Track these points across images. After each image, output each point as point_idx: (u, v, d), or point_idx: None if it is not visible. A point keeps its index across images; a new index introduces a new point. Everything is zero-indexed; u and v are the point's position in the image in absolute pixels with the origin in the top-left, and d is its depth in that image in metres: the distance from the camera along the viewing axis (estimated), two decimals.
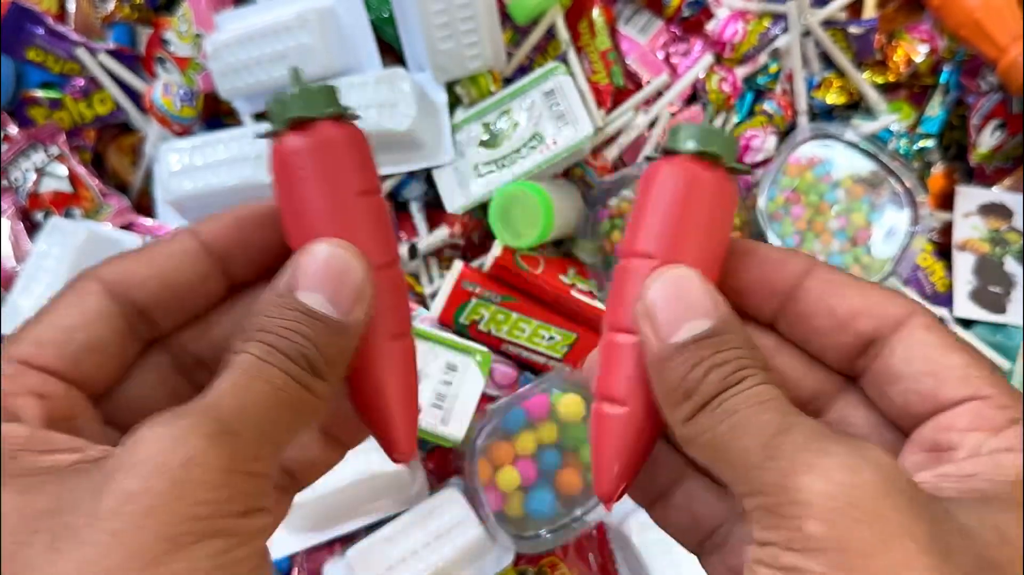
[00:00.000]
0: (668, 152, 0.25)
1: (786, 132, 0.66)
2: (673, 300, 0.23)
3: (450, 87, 0.63)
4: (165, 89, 0.63)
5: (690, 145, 0.24)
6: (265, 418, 0.21)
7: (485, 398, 0.61)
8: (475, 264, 0.64)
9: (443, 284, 0.63)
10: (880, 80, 0.65)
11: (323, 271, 0.23)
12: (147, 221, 0.66)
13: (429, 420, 0.58)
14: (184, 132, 0.64)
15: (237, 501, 0.20)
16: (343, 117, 0.25)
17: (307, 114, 0.24)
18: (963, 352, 0.23)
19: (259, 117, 0.65)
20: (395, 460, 0.26)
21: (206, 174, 0.61)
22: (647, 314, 0.23)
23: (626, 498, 0.26)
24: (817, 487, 0.19)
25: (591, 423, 0.26)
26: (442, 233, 0.64)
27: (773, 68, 0.65)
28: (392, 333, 0.25)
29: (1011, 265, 0.66)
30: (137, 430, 0.20)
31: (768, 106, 0.66)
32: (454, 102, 0.64)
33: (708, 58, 0.65)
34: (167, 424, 0.20)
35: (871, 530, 0.18)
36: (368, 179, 0.25)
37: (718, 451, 0.22)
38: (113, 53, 0.66)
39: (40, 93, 0.67)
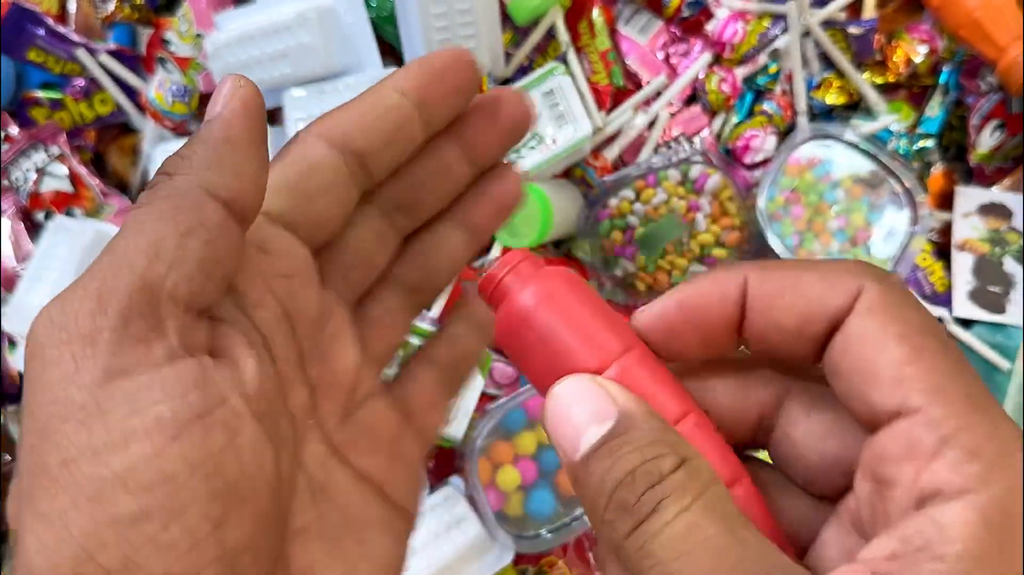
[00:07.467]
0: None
1: (786, 132, 0.66)
2: (566, 417, 0.21)
3: None
4: (158, 85, 0.63)
5: None
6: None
7: (485, 397, 0.61)
8: (475, 264, 0.64)
9: None
10: (880, 80, 0.65)
11: None
12: None
13: None
14: (178, 128, 0.64)
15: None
16: None
17: None
18: (904, 342, 0.19)
19: None
20: None
21: None
22: (554, 442, 0.22)
23: None
24: None
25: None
26: None
27: (773, 68, 0.66)
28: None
29: (1010, 265, 0.66)
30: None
31: (768, 106, 0.66)
32: None
33: (707, 58, 0.66)
34: None
35: None
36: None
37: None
38: (114, 53, 0.67)
39: (41, 93, 0.67)
